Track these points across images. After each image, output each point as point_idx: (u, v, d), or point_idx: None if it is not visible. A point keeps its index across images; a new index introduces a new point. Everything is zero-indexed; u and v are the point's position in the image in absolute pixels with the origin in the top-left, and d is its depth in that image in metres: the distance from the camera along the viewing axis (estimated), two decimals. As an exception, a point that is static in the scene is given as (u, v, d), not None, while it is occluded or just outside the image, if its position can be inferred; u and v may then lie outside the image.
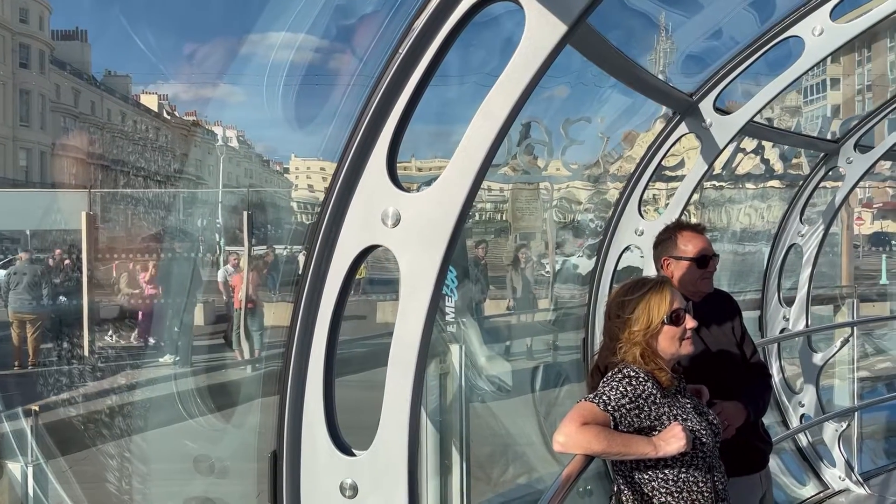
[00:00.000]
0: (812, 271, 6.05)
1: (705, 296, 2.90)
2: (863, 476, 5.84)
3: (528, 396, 7.61)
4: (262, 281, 14.88)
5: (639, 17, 7.95)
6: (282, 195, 57.12)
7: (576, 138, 13.62)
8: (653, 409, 2.21)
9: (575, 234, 20.69)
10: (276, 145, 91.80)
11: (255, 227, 20.83)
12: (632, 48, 5.91)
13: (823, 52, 3.66)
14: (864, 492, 5.59)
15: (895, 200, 51.31)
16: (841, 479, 5.69)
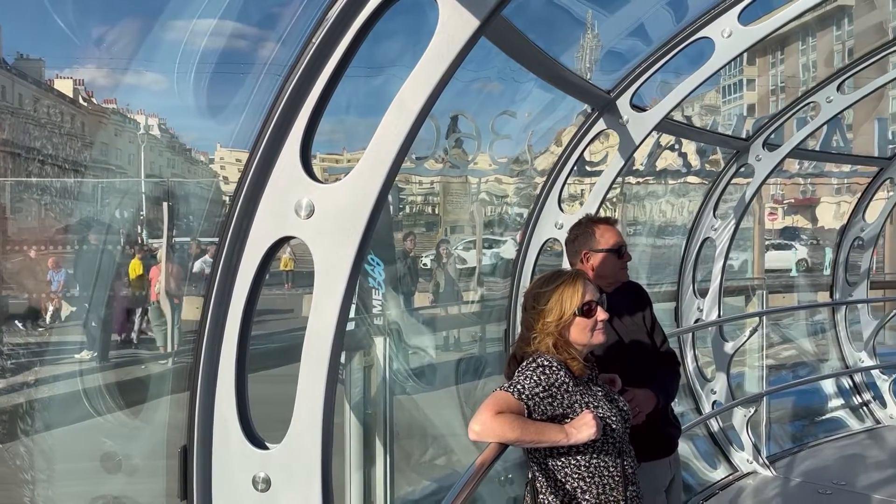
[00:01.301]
0: (724, 264, 6.30)
1: (618, 287, 3.00)
2: (769, 459, 6.14)
3: (452, 388, 7.67)
4: (185, 274, 14.48)
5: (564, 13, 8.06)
6: (206, 186, 55.59)
7: (502, 132, 13.74)
8: (565, 398, 2.27)
9: (502, 227, 20.93)
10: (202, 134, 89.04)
11: (178, 219, 20.23)
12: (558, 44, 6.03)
13: (732, 53, 3.81)
14: (771, 474, 5.88)
15: (805, 197, 53.83)
16: (749, 462, 5.97)
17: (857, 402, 7.55)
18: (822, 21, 67.96)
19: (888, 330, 11.08)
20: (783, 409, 8.07)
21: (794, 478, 5.88)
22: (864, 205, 7.55)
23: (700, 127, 6.45)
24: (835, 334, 7.75)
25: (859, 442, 6.84)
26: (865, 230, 7.57)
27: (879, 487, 5.53)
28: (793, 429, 7.80)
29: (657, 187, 18.85)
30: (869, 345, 7.53)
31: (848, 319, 7.75)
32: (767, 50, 73.72)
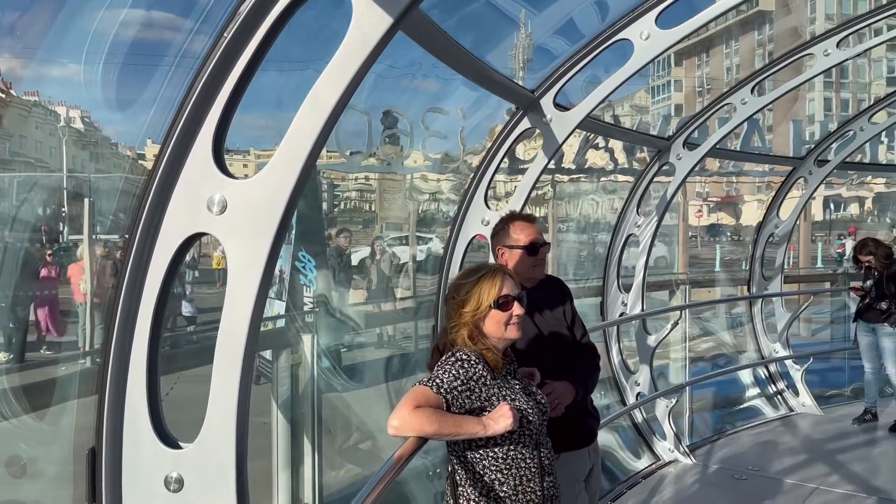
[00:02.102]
0: (647, 260, 6.49)
1: (539, 282, 3.06)
2: (690, 447, 6.37)
3: (382, 386, 7.67)
4: (113, 271, 14.00)
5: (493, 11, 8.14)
6: (135, 182, 53.72)
7: (436, 129, 13.82)
8: (483, 391, 2.31)
9: (436, 223, 21.01)
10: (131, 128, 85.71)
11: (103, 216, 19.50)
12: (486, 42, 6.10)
13: (650, 55, 3.92)
14: (691, 461, 6.10)
15: (729, 194, 55.80)
16: (671, 450, 6.17)
17: (773, 391, 7.90)
18: (744, 25, 70.63)
19: (802, 321, 11.64)
20: (704, 399, 8.38)
21: (713, 465, 6.11)
22: (778, 202, 7.90)
23: (624, 126, 6.62)
24: (752, 327, 8.08)
25: (773, 429, 7.16)
26: (779, 227, 7.92)
27: (791, 472, 5.81)
28: (713, 418, 8.10)
29: (586, 185, 19.26)
30: (783, 336, 7.88)
31: (764, 312, 8.10)
32: (693, 52, 76.13)
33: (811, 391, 7.67)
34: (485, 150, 4.38)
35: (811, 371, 7.86)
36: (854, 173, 28.70)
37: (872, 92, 54.95)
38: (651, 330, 6.48)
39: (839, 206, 54.68)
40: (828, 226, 47.31)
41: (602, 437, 6.43)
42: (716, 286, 12.05)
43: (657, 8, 3.91)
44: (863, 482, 5.54)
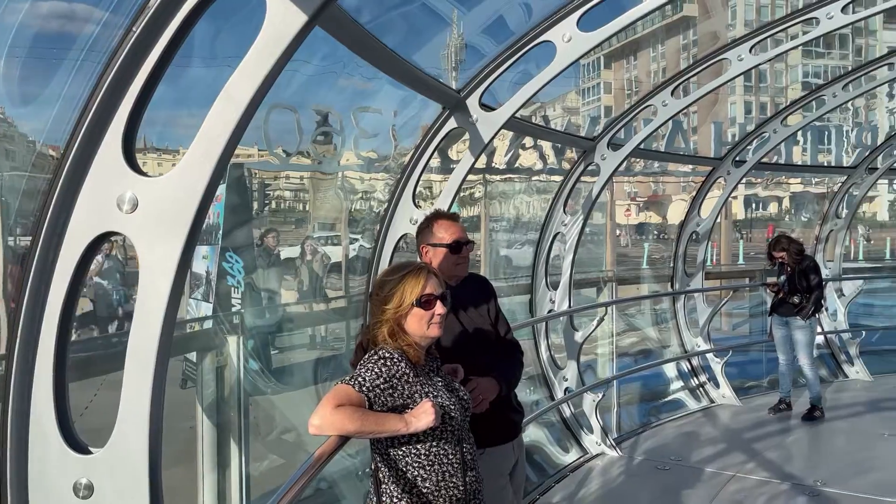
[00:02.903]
0: (573, 258, 6.62)
1: (463, 280, 3.09)
2: (616, 440, 6.54)
3: (313, 388, 7.60)
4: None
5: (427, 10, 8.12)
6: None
7: (369, 129, 13.75)
8: (406, 388, 2.32)
9: (369, 223, 20.92)
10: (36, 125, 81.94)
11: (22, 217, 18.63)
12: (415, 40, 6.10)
13: (571, 57, 4.01)
14: (617, 454, 6.27)
15: (656, 194, 57.39)
16: (598, 444, 6.32)
17: (695, 384, 8.19)
18: (670, 29, 72.87)
19: (723, 316, 12.08)
20: (631, 393, 8.61)
21: (638, 456, 6.29)
22: (699, 201, 8.18)
23: (551, 127, 6.74)
24: (675, 322, 8.35)
25: (695, 420, 7.42)
26: (700, 225, 8.20)
27: (710, 461, 6.04)
28: (639, 411, 8.34)
29: (518, 184, 19.50)
30: (704, 330, 8.17)
31: (687, 308, 8.38)
32: (622, 55, 78.06)
33: (731, 383, 7.98)
34: (412, 150, 4.40)
35: (731, 364, 8.18)
36: (770, 173, 29.94)
37: (789, 96, 57.48)
38: (578, 326, 6.62)
39: (759, 204, 56.98)
40: (749, 224, 49.26)
41: (531, 433, 6.58)
42: (642, 283, 12.39)
43: (578, 11, 4.00)
44: (777, 469, 5.81)
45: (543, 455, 6.35)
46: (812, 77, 58.16)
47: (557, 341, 6.86)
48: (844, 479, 5.51)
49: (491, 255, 16.29)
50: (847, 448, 6.42)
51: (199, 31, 1.96)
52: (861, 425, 7.05)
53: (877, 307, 11.66)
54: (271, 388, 7.36)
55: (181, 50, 1.84)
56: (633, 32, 74.72)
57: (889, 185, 46.80)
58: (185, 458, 4.92)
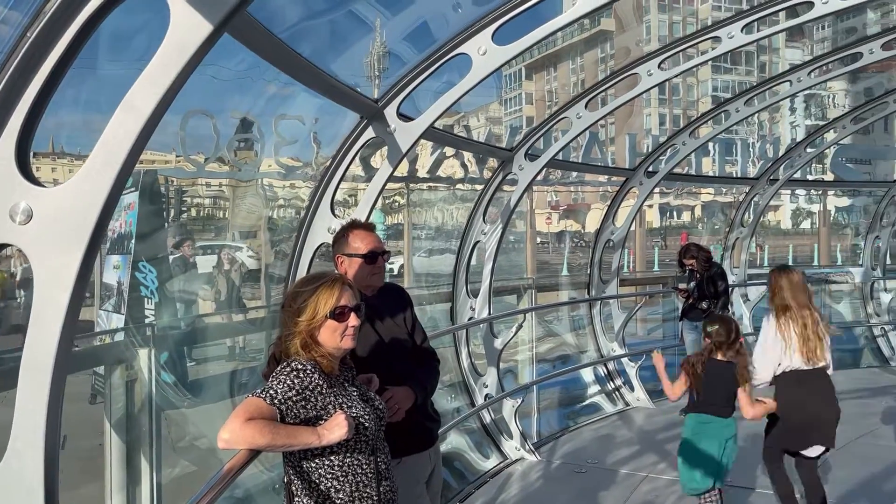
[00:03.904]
0: (493, 266, 6.72)
1: (380, 290, 3.10)
2: (535, 445, 6.65)
3: (230, 401, 7.43)
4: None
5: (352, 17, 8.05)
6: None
7: (288, 135, 13.60)
8: (319, 400, 2.31)
9: (290, 231, 20.62)
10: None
11: None
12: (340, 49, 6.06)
13: (487, 69, 4.09)
14: (536, 459, 6.37)
15: (576, 202, 58.74)
16: (517, 449, 6.42)
17: (611, 388, 8.42)
18: (588, 42, 75.10)
19: (638, 321, 12.47)
20: (550, 399, 8.78)
21: (556, 460, 6.42)
22: (613, 210, 8.45)
23: (469, 137, 6.83)
24: (591, 328, 8.57)
25: (611, 423, 7.62)
26: (615, 233, 8.47)
27: (625, 463, 6.22)
28: (558, 415, 8.51)
29: (441, 192, 19.63)
30: (619, 336, 8.42)
31: (602, 314, 8.62)
32: (542, 66, 79.76)
33: (645, 386, 8.24)
34: (329, 159, 4.38)
35: (645, 367, 8.44)
36: (680, 183, 31.17)
37: (700, 109, 59.98)
38: (498, 333, 6.71)
39: (673, 213, 59.18)
40: (664, 232, 51.06)
41: (452, 439, 6.62)
42: (561, 290, 12.67)
43: (494, 25, 4.08)
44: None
45: (464, 461, 6.40)
46: (721, 91, 60.95)
47: (478, 348, 6.94)
48: (750, 475, 5.77)
49: (413, 263, 16.32)
50: (751, 445, 6.73)
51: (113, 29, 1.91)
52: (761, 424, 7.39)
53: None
54: (187, 402, 7.15)
55: (98, 51, 1.79)
56: (553, 45, 76.57)
57: (791, 195, 49.48)
58: (94, 476, 4.71)
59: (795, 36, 62.70)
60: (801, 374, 4.47)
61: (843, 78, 45.12)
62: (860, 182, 18.34)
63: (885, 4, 35.37)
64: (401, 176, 14.01)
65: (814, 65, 7.36)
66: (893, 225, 10.92)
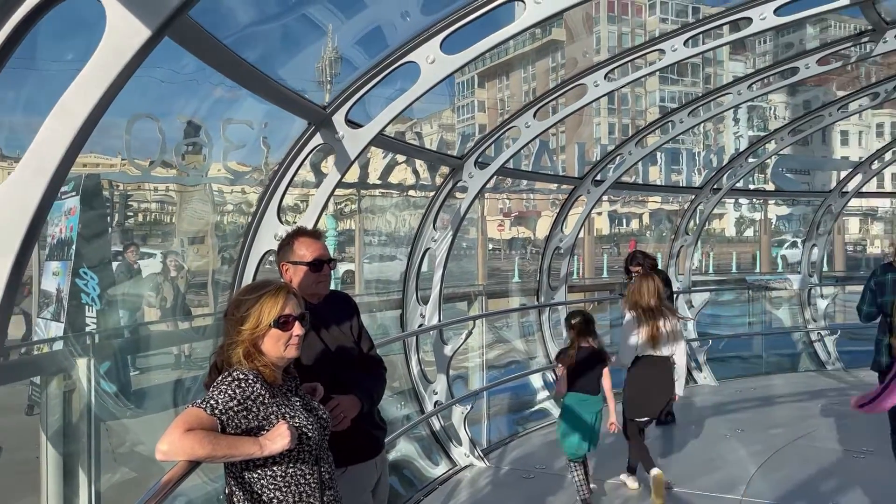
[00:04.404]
0: (443, 273, 6.74)
1: (325, 298, 3.08)
2: (484, 451, 6.68)
3: (173, 411, 7.27)
4: None
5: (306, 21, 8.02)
6: None
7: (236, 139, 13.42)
8: (261, 410, 2.29)
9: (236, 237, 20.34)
10: None
11: None
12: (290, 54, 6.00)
13: (436, 78, 4.11)
14: (485, 465, 6.40)
15: (528, 209, 59.38)
16: (466, 455, 6.44)
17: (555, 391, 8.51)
18: (540, 52, 76.12)
19: (588, 328, 12.58)
20: (500, 405, 8.83)
21: (505, 466, 6.45)
22: (562, 218, 8.56)
23: (418, 145, 6.85)
24: (540, 334, 8.66)
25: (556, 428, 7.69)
26: (563, 241, 8.58)
27: (572, 467, 6.29)
28: (508, 421, 8.56)
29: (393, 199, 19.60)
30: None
31: (551, 320, 8.71)
32: (495, 75, 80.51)
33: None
34: (277, 165, 4.34)
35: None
36: (627, 192, 31.77)
37: (648, 119, 61.36)
38: (448, 340, 6.73)
39: (622, 220, 60.27)
40: (613, 238, 51.96)
41: (402, 447, 6.60)
42: (511, 296, 12.77)
43: (442, 34, 4.11)
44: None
45: (413, 469, 6.39)
46: (668, 101, 62.47)
47: (428, 356, 6.95)
48: (692, 478, 5.91)
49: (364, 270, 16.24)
50: (695, 449, 6.89)
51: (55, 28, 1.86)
52: (707, 427, 7.58)
53: (723, 317, 12.62)
54: (130, 412, 6.97)
55: (38, 50, 1.74)
56: (505, 53, 77.44)
57: (735, 204, 50.91)
58: (31, 489, 4.55)
59: (738, 49, 64.74)
60: (648, 360, 5.51)
61: (783, 91, 46.80)
62: (798, 192, 18.98)
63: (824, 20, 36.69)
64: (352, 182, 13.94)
65: (754, 78, 7.61)
66: (829, 233, 11.33)
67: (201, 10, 3.41)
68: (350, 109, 4.22)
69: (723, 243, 45.35)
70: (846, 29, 13.03)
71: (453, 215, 6.65)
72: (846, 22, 41.31)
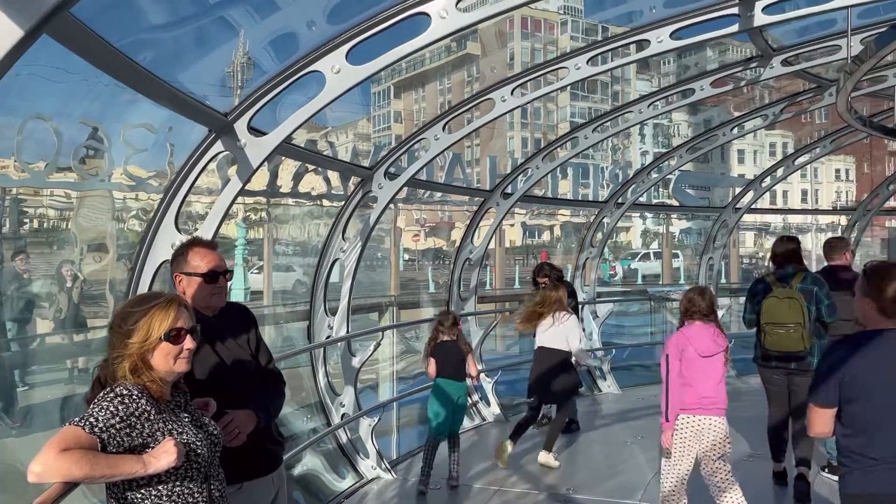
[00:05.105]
0: (352, 283, 6.69)
1: (222, 310, 3.00)
2: (392, 463, 6.65)
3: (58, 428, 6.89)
4: None
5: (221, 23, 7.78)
6: None
7: (139, 144, 12.92)
8: (146, 427, 2.20)
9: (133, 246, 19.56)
10: None
11: None
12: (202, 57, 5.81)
13: (342, 88, 4.09)
14: (392, 477, 6.37)
15: (443, 220, 59.75)
16: (373, 468, 6.39)
17: (469, 403, 8.56)
18: (455, 65, 77.08)
19: (498, 337, 12.81)
20: (411, 415, 8.83)
21: (412, 478, 6.43)
22: (472, 230, 8.66)
23: (325, 154, 6.80)
24: (450, 344, 8.69)
25: (468, 438, 7.74)
26: (474, 252, 8.67)
27: (478, 478, 6.35)
28: (417, 432, 8.55)
29: (305, 207, 19.32)
30: (477, 351, 8.60)
31: (462, 330, 8.76)
32: (411, 86, 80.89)
33: (500, 401, 8.46)
34: (175, 172, 4.21)
35: (501, 382, 8.69)
36: (536, 205, 32.54)
37: (559, 133, 63.05)
38: (356, 352, 6.67)
39: (534, 232, 61.51)
40: (525, 250, 52.92)
41: (308, 461, 6.49)
42: (424, 307, 12.80)
43: (349, 43, 4.10)
44: (536, 480, 6.25)
45: (318, 483, 6.29)
46: (578, 117, 64.39)
47: (336, 367, 6.87)
48: (593, 484, 6.07)
49: (273, 280, 15.90)
50: (597, 456, 7.08)
51: None
52: (610, 435, 7.80)
53: (626, 327, 13.06)
54: (16, 431, 6.56)
55: None
56: (421, 65, 78.00)
57: (641, 217, 52.86)
58: None
59: (644, 69, 67.47)
60: (541, 350, 6.74)
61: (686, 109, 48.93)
62: (696, 207, 19.91)
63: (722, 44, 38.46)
64: (260, 190, 13.69)
65: (655, 97, 7.93)
66: (724, 247, 11.92)
67: (100, 8, 3.29)
68: (253, 117, 4.14)
69: (629, 255, 46.93)
70: (742, 53, 14.13)
71: (363, 226, 6.62)
72: (742, 46, 43.70)
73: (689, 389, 4.52)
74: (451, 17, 3.98)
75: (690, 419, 4.54)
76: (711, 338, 4.58)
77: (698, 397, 4.52)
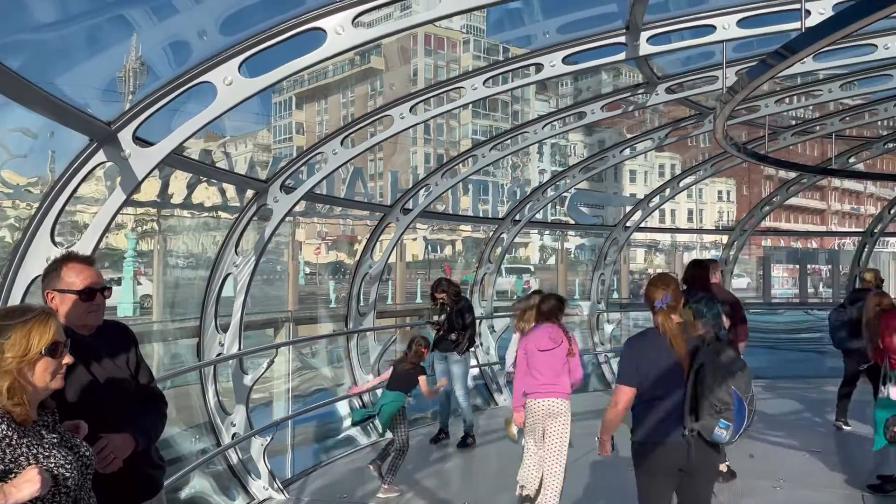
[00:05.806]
0: (245, 299, 6.51)
1: (98, 329, 2.86)
2: (285, 483, 6.50)
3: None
4: None
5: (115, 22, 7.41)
6: None
7: (15, 150, 12.15)
8: (7, 453, 2.07)
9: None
10: None
11: None
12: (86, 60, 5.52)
13: (234, 100, 4.01)
14: (284, 497, 6.22)
15: (345, 233, 59.26)
16: (265, 488, 6.22)
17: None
18: (359, 78, 76.93)
19: (399, 353, 12.73)
20: (306, 434, 8.65)
21: (305, 497, 6.32)
22: (371, 244, 8.63)
23: (217, 166, 6.62)
24: (348, 360, 8.62)
25: (366, 455, 7.66)
26: (373, 266, 8.64)
27: (375, 494, 6.30)
28: (313, 451, 8.40)
29: (200, 218, 18.71)
30: (375, 367, 8.56)
31: (360, 346, 8.70)
32: (314, 97, 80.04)
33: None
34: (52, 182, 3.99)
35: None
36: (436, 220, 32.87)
37: (461, 149, 64.00)
38: (248, 369, 6.49)
39: (436, 247, 61.94)
40: (427, 264, 53.17)
41: (196, 483, 6.26)
42: (322, 322, 12.61)
43: (242, 55, 4.02)
44: (432, 494, 6.29)
45: (208, 506, 6.07)
46: (480, 134, 65.57)
47: (227, 385, 6.65)
48: (489, 497, 6.14)
49: (163, 294, 15.26)
50: (493, 470, 7.18)
51: None
52: (505, 448, 7.90)
53: (523, 341, 13.29)
54: None
55: None
56: (324, 77, 77.39)
57: (538, 233, 54.26)
58: None
59: (542, 90, 69.61)
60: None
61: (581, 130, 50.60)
62: (588, 225, 20.69)
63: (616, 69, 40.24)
64: (149, 200, 13.13)
65: (552, 118, 8.20)
66: (615, 263, 12.40)
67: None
68: (139, 126, 3.98)
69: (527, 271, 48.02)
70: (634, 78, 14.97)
71: (258, 239, 6.47)
72: (633, 72, 45.81)
73: (533, 379, 5.55)
74: (347, 33, 3.99)
75: (536, 402, 5.56)
76: (549, 336, 5.57)
77: (539, 384, 5.54)
